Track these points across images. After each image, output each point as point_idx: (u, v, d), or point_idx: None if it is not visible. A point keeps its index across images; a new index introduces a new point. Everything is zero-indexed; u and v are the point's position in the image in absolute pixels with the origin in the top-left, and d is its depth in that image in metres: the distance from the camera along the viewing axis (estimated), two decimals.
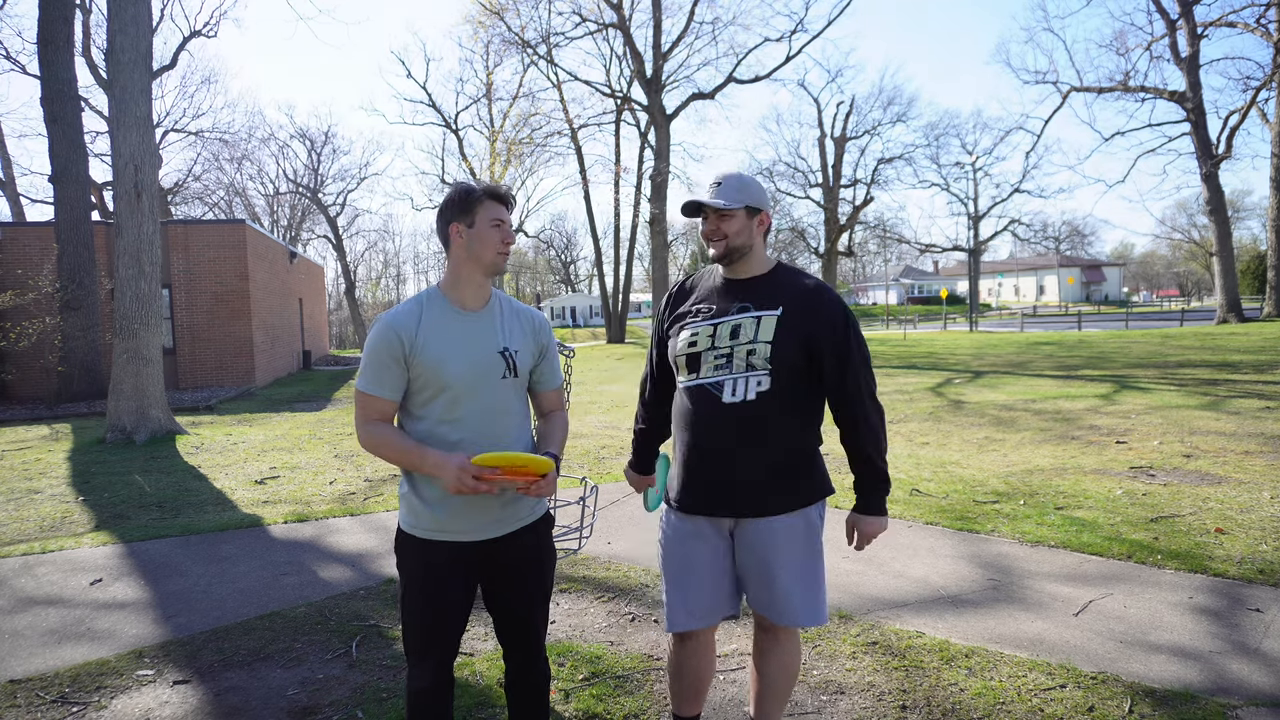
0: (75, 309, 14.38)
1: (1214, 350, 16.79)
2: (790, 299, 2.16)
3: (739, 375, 2.12)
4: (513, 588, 2.10)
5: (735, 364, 2.13)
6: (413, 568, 2.03)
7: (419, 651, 2.03)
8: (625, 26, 27.46)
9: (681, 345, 2.20)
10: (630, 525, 5.21)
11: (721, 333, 2.16)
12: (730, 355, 2.14)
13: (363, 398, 2.00)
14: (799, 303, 2.16)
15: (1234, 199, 56.65)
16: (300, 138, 59.94)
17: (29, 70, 26.82)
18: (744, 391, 2.12)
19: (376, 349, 1.96)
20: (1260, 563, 4.05)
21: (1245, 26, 26.94)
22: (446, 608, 2.01)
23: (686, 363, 2.19)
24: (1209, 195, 27.21)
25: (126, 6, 9.66)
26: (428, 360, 1.95)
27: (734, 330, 2.15)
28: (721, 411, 2.14)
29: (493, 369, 2.01)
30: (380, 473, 7.29)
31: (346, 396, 15.58)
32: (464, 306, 2.04)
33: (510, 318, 2.11)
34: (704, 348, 2.16)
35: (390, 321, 1.98)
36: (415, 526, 2.03)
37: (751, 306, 2.17)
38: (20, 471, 7.93)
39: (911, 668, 3.06)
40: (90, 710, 2.91)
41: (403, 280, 77.28)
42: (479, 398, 1.99)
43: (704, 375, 2.16)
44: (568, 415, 2.29)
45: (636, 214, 34.35)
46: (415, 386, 1.99)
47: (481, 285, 2.06)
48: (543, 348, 2.17)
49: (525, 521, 2.09)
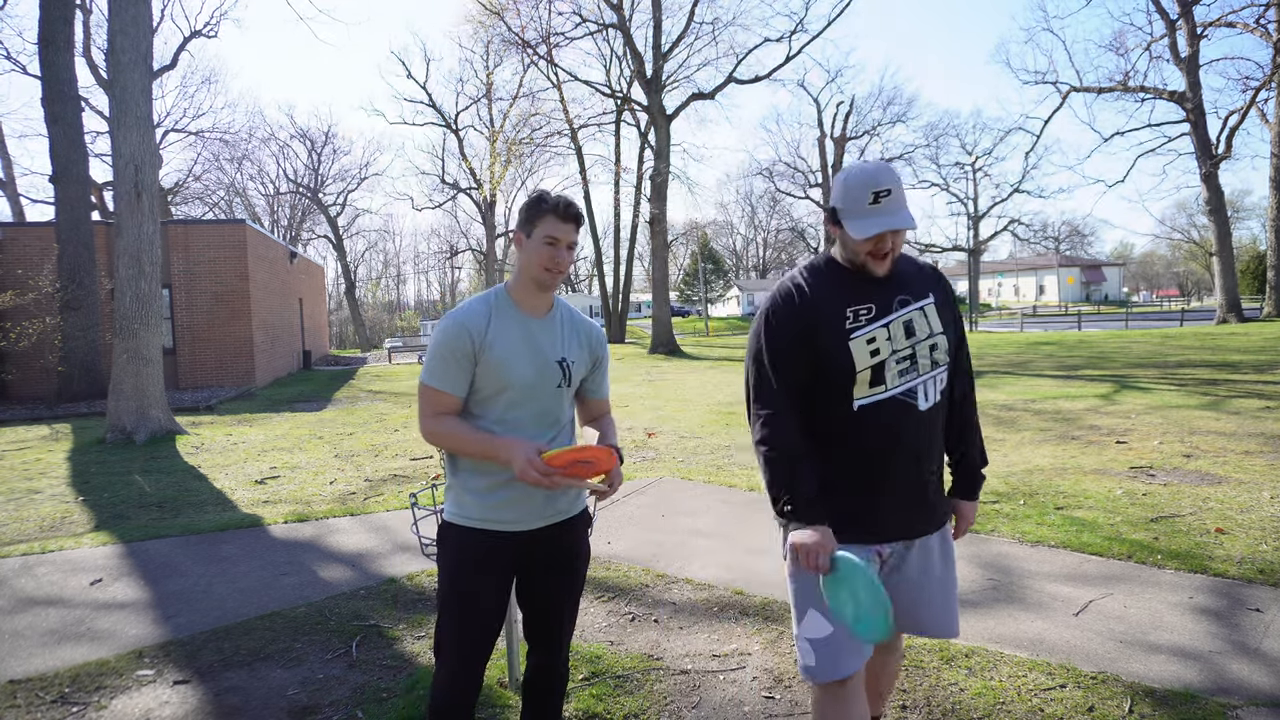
0: (75, 309, 14.38)
1: (1214, 350, 16.79)
2: (931, 283, 2.02)
3: (927, 376, 1.94)
4: (546, 585, 2.12)
5: (920, 365, 1.93)
6: (451, 555, 2.05)
7: (449, 643, 2.05)
8: (625, 27, 27.43)
9: (863, 356, 1.89)
10: (630, 525, 5.21)
11: (896, 333, 1.92)
12: (913, 356, 1.93)
13: (429, 392, 2.00)
14: (935, 286, 2.02)
15: (1234, 199, 56.72)
16: (300, 138, 59.90)
17: (29, 70, 26.89)
18: (934, 394, 1.95)
19: (446, 345, 1.97)
20: (1260, 563, 4.05)
21: (1245, 26, 26.93)
22: (479, 598, 2.03)
23: (871, 375, 1.90)
24: (1209, 195, 27.20)
25: (127, 7, 9.66)
26: (494, 360, 1.97)
27: (908, 327, 1.94)
28: (917, 422, 1.93)
29: (551, 376, 2.04)
30: (380, 473, 7.29)
31: (347, 397, 15.57)
32: (528, 312, 2.05)
33: (569, 328, 2.12)
34: (886, 354, 1.91)
35: (461, 319, 1.98)
36: (458, 515, 2.05)
37: (910, 298, 1.96)
38: (20, 471, 7.93)
39: (911, 667, 3.05)
40: (90, 710, 2.91)
41: (403, 280, 77.33)
42: (535, 402, 2.02)
43: (891, 385, 1.91)
44: (614, 419, 2.31)
45: (636, 214, 34.36)
46: (476, 384, 2.01)
47: (541, 296, 2.06)
48: (597, 359, 2.19)
49: (566, 515, 2.11)
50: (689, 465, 7.19)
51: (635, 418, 10.72)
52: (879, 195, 1.85)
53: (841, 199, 1.91)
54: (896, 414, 1.91)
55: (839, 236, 1.95)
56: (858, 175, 1.88)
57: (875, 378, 1.90)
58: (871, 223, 1.85)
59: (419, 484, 6.63)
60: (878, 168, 1.88)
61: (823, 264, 2.00)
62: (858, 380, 1.90)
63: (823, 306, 1.92)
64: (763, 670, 3.08)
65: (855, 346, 1.89)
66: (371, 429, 10.56)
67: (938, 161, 46.97)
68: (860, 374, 1.90)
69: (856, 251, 1.91)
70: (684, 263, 69.72)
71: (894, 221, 1.84)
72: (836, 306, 1.92)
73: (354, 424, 11.13)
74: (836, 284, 1.95)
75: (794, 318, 1.93)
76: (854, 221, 1.88)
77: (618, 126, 34.74)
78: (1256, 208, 62.60)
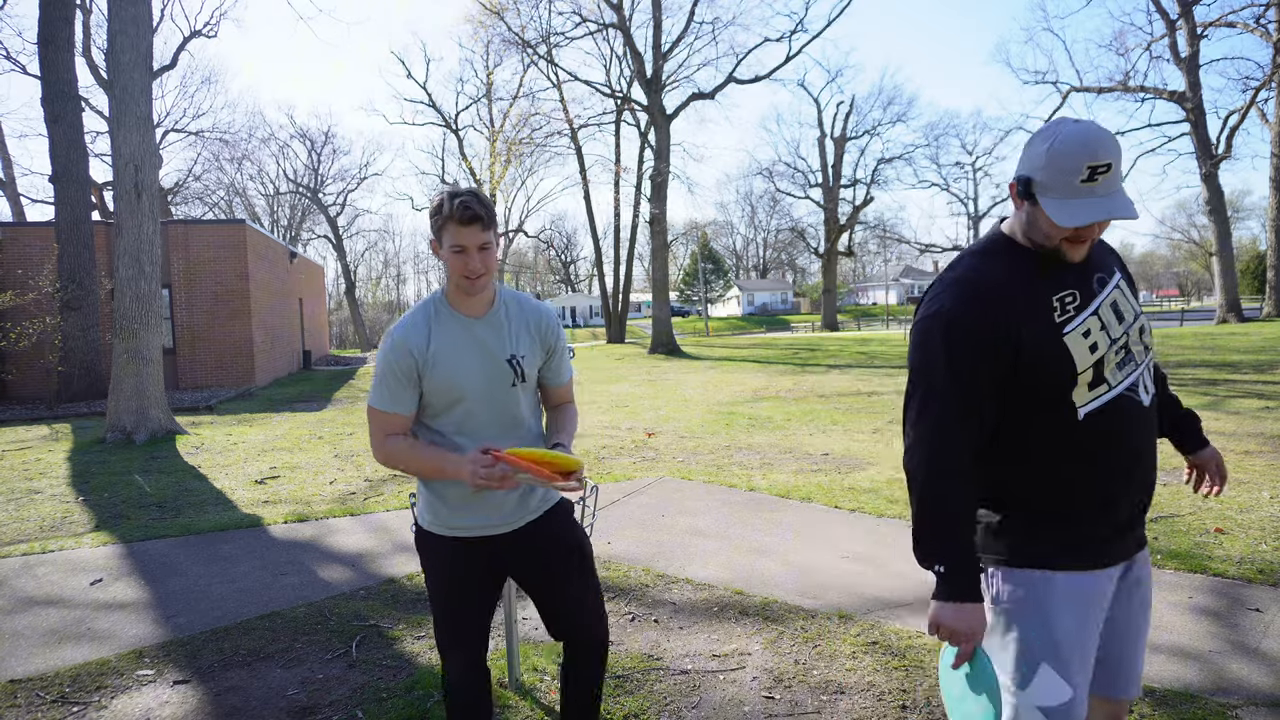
0: (75, 309, 14.38)
1: (1214, 350, 16.79)
2: (1112, 257, 1.71)
3: (1142, 366, 1.61)
4: (541, 577, 2.11)
5: (1135, 354, 1.60)
6: (433, 563, 2.06)
7: (447, 644, 2.07)
8: (625, 26, 27.43)
9: (1083, 353, 1.54)
10: (630, 525, 5.21)
11: (1108, 319, 1.58)
12: (1126, 345, 1.59)
13: (376, 414, 1.97)
14: (1116, 259, 1.71)
15: (1234, 199, 56.71)
16: (300, 138, 60.06)
17: (29, 70, 26.81)
18: (1151, 386, 1.63)
19: (388, 366, 1.93)
20: (1260, 563, 4.05)
21: (1245, 26, 26.94)
22: (467, 601, 2.04)
23: (1093, 375, 1.56)
24: (1209, 195, 27.21)
25: (126, 6, 9.66)
26: (440, 374, 1.93)
27: (1116, 311, 1.60)
28: (1145, 420, 1.61)
29: (503, 378, 1.99)
30: (380, 473, 7.29)
31: (347, 397, 15.58)
32: (468, 314, 1.99)
33: (517, 321, 2.03)
34: (1105, 347, 1.57)
35: (400, 338, 1.93)
36: (433, 524, 2.05)
37: (1106, 276, 1.62)
38: (20, 471, 7.93)
39: (912, 667, 3.06)
40: (90, 710, 2.91)
41: (403, 280, 77.36)
42: (491, 407, 1.99)
43: (1114, 382, 1.57)
44: (577, 408, 2.25)
45: (636, 214, 34.33)
46: (428, 400, 1.97)
47: (475, 297, 1.97)
48: (550, 347, 2.10)
49: (538, 513, 2.09)
50: (689, 465, 7.19)
51: (635, 418, 10.71)
52: (1096, 171, 1.45)
53: (1044, 169, 1.50)
54: (1123, 414, 1.57)
55: (1028, 214, 1.57)
56: (1072, 142, 1.46)
57: (1096, 377, 1.56)
58: (1084, 208, 1.47)
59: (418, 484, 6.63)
60: (1099, 134, 1.46)
61: (1002, 247, 1.63)
62: (1078, 382, 1.55)
63: (1020, 299, 1.55)
64: (763, 670, 3.08)
65: (1072, 342, 1.54)
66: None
67: (938, 161, 47.20)
68: (1082, 375, 1.55)
69: (1051, 236, 1.54)
70: (684, 263, 69.74)
71: (1113, 208, 1.46)
72: (1041, 297, 1.56)
73: (354, 424, 11.13)
74: (1028, 270, 1.58)
75: (984, 316, 1.54)
76: (1058, 203, 1.49)
77: (618, 126, 34.74)
78: (1256, 208, 62.66)
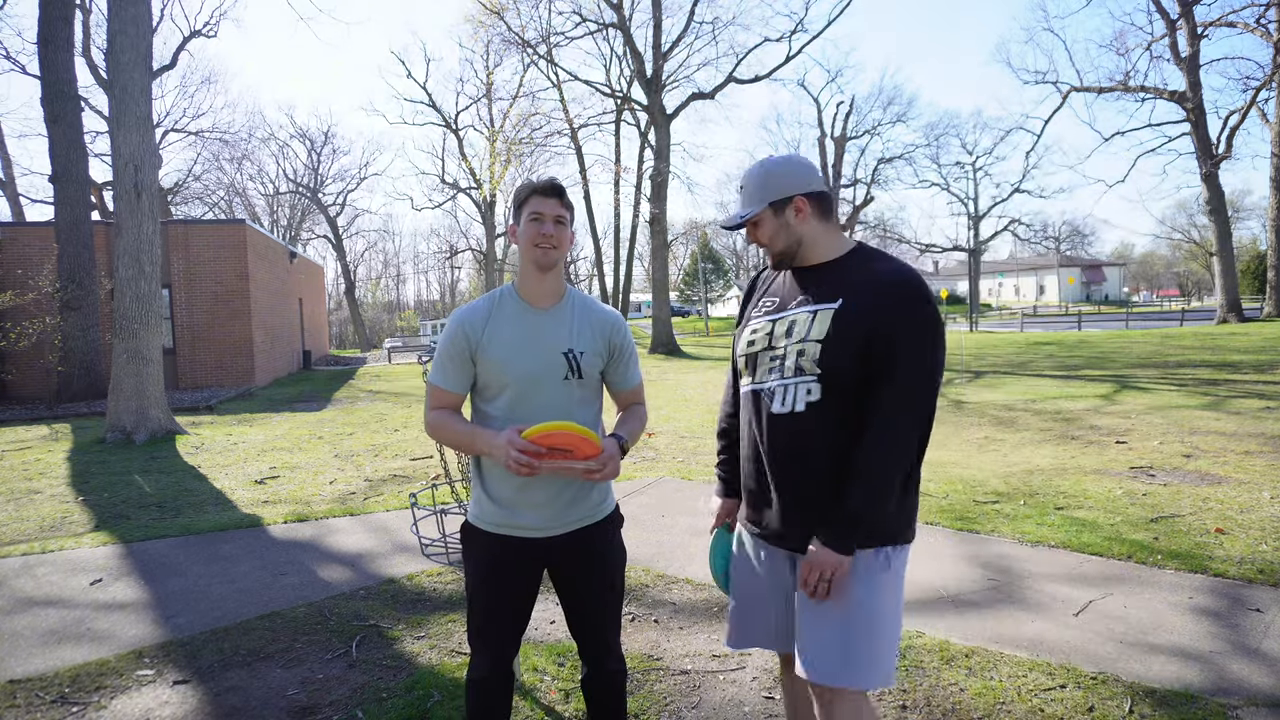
0: (75, 309, 14.38)
1: (1214, 350, 16.79)
2: (854, 288, 1.77)
3: (789, 381, 1.80)
4: (577, 587, 2.10)
5: (786, 367, 1.81)
6: (477, 559, 2.06)
7: (479, 642, 2.07)
8: (625, 26, 27.42)
9: (742, 345, 1.95)
10: (630, 525, 5.21)
11: (779, 330, 1.85)
12: (783, 357, 1.82)
13: (431, 389, 2.07)
14: (866, 293, 1.75)
15: (1234, 199, 56.60)
16: (300, 138, 60.13)
17: (29, 70, 26.81)
18: (792, 401, 1.80)
19: (445, 345, 2.03)
20: (1260, 563, 4.05)
21: (1245, 26, 26.92)
22: (506, 601, 2.04)
23: (746, 364, 1.93)
24: (1209, 195, 27.20)
25: (126, 6, 9.66)
26: (491, 359, 1.99)
27: (789, 327, 1.83)
28: (769, 424, 1.84)
29: (555, 369, 2.00)
30: (380, 473, 7.29)
31: (347, 397, 15.58)
32: (533, 304, 2.04)
33: (582, 318, 2.08)
34: (760, 347, 1.89)
35: (460, 319, 2.03)
36: (480, 519, 2.06)
37: (810, 299, 1.83)
38: (20, 471, 7.93)
39: (912, 667, 3.05)
40: (90, 710, 2.91)
41: (403, 280, 77.29)
42: (540, 396, 1.99)
43: (758, 379, 1.88)
44: (646, 410, 2.23)
45: (636, 214, 34.36)
46: (481, 382, 2.04)
47: (543, 282, 2.03)
48: (615, 348, 2.12)
49: (591, 519, 2.08)
50: (689, 465, 7.19)
51: None
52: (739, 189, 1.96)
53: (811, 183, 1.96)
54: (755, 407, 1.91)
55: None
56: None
57: (749, 367, 1.94)
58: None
59: (419, 484, 6.63)
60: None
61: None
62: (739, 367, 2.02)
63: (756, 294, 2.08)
64: (763, 670, 3.08)
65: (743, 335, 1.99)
66: (371, 429, 10.56)
67: (938, 161, 47.01)
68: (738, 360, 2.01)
69: None
70: (684, 263, 69.67)
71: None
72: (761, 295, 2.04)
73: (354, 424, 11.13)
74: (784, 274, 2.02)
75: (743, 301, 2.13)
76: None
77: (618, 126, 34.76)
78: (1257, 208, 62.52)
